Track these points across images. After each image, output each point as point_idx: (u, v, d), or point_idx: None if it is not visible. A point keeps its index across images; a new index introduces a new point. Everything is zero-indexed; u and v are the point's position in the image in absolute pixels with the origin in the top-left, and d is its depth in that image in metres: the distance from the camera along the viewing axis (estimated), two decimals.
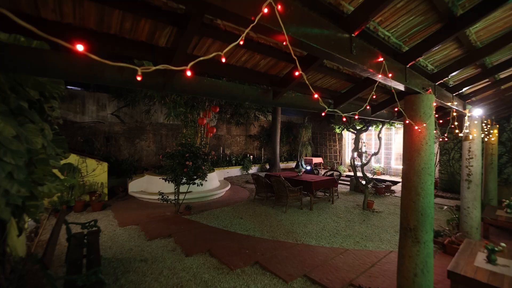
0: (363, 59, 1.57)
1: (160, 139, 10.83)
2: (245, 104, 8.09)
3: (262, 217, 6.04)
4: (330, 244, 4.55)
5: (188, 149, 5.97)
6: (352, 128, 6.88)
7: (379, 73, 1.65)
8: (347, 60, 1.50)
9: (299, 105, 2.59)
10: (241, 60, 2.13)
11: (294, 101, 2.53)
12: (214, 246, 4.30)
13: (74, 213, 6.00)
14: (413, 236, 2.23)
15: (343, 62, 1.54)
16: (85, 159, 6.91)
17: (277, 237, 4.82)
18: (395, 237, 4.93)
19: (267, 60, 2.18)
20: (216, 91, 2.16)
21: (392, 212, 6.60)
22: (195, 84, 2.00)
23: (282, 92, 2.31)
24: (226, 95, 2.22)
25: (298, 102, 2.56)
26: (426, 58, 2.40)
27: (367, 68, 1.61)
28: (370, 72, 1.67)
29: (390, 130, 13.30)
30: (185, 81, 1.92)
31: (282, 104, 2.46)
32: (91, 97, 9.12)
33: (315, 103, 2.52)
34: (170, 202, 5.99)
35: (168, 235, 4.77)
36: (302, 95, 2.62)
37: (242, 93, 2.29)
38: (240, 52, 2.00)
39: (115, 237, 4.67)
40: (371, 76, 1.77)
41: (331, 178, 7.43)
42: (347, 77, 2.72)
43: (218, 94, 2.28)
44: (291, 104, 2.53)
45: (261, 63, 2.20)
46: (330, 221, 5.82)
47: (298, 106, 2.60)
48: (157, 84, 1.82)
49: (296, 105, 2.58)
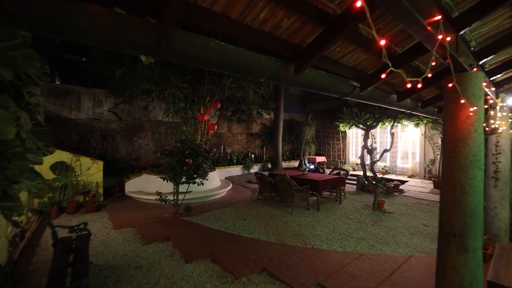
0: (420, 9, 1.20)
1: (159, 137, 10.45)
2: (248, 100, 7.71)
3: (267, 218, 5.66)
4: (342, 248, 4.17)
5: (188, 146, 5.59)
6: (361, 124, 6.50)
7: (437, 33, 1.28)
8: (403, 2, 1.13)
9: (322, 86, 2.20)
10: (259, 18, 1.74)
11: (316, 81, 2.14)
12: (216, 251, 3.92)
13: (66, 215, 5.62)
14: (458, 242, 1.86)
15: (398, 6, 1.16)
16: (79, 157, 6.52)
17: (285, 240, 4.44)
18: (412, 240, 4.55)
19: (291, 21, 1.79)
20: (227, 59, 1.77)
21: (405, 213, 6.22)
22: (199, 47, 1.60)
23: (305, 67, 1.92)
24: (238, 66, 1.82)
25: (321, 82, 2.17)
26: (472, 31, 2.02)
27: (424, 19, 1.23)
28: (424, 32, 1.29)
29: (396, 128, 12.92)
30: (186, 42, 1.53)
31: (303, 83, 2.07)
32: (87, 93, 8.74)
33: (340, 85, 2.15)
34: (168, 203, 5.61)
35: (166, 239, 4.39)
36: (325, 74, 2.23)
37: (258, 65, 1.89)
38: (259, 4, 1.61)
39: (108, 241, 4.29)
40: (424, 41, 1.39)
41: (339, 177, 7.05)
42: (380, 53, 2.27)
43: (228, 65, 1.86)
44: (312, 84, 2.14)
45: (283, 24, 1.81)
46: (340, 222, 5.44)
47: (320, 87, 2.21)
48: (148, 42, 1.42)
49: (318, 86, 2.19)
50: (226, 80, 6.17)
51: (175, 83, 6.23)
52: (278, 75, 2.03)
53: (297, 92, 17.53)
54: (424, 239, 4.64)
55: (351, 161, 14.57)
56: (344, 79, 2.35)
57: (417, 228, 5.21)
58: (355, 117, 6.08)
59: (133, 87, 7.33)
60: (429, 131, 11.73)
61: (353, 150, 14.65)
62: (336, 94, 2.44)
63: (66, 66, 10.16)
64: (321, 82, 2.18)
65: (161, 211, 6.02)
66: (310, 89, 2.26)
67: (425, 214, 6.20)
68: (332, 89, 2.30)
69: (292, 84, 2.13)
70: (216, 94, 7.65)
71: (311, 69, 2.07)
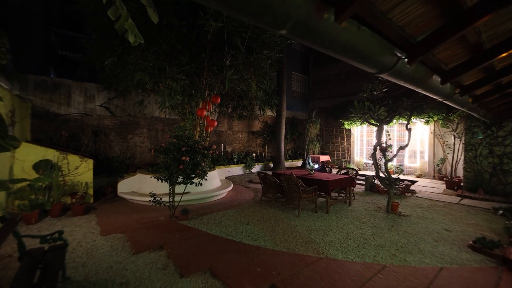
0: None
1: (156, 134, 9.91)
2: (250, 93, 7.16)
3: (272, 222, 5.13)
4: (360, 258, 3.64)
5: (185, 142, 5.05)
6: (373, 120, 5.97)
7: None
8: None
9: (362, 51, 1.64)
10: None
11: (357, 42, 1.56)
12: (216, 262, 3.39)
13: (50, 218, 5.07)
14: None
15: None
16: (66, 155, 5.98)
17: (294, 249, 3.91)
18: (437, 248, 4.02)
19: None
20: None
21: (421, 216, 5.70)
22: None
23: (350, 10, 1.35)
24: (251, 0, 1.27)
25: (362, 46, 1.60)
26: None
27: None
28: None
29: (403, 126, 12.40)
30: None
31: (340, 43, 1.50)
32: (77, 87, 8.18)
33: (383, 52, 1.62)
34: (164, 205, 5.07)
35: (160, 247, 3.86)
36: (369, 32, 1.67)
37: (282, 1, 1.30)
38: None
39: (93, 250, 3.75)
40: None
41: (348, 177, 6.52)
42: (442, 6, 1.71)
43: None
44: (351, 47, 1.56)
45: None
46: (353, 227, 4.92)
47: (359, 54, 1.66)
48: None
49: (357, 52, 1.63)
50: (227, 72, 5.63)
51: (171, 74, 5.69)
52: (308, 24, 1.41)
53: (299, 90, 16.99)
54: (451, 246, 4.11)
55: (356, 160, 14.04)
56: (389, 46, 1.81)
57: (439, 233, 4.69)
58: (368, 112, 5.54)
59: (127, 80, 6.78)
60: (438, 129, 11.21)
61: (357, 148, 14.12)
62: (373, 67, 1.87)
63: (62, 63, 9.61)
64: (363, 45, 1.61)
65: (156, 214, 5.49)
66: (346, 55, 1.68)
67: (444, 217, 5.68)
68: (373, 58, 1.74)
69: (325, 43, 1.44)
70: (216, 87, 7.10)
71: (352, 22, 1.53)
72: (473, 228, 5.02)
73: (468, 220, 5.52)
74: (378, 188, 8.19)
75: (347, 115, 13.84)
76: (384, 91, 5.32)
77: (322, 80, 16.39)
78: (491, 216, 5.84)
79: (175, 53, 6.06)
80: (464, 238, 4.48)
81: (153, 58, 5.63)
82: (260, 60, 6.31)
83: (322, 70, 16.37)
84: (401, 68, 2.01)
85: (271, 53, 6.65)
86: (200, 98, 6.87)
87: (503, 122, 7.64)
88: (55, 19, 9.26)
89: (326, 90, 16.01)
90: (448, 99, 2.98)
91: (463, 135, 9.19)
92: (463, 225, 5.15)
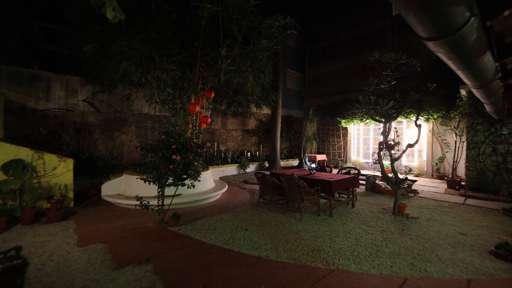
0: None
1: (145, 132, 9.30)
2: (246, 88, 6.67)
3: (273, 227, 4.66)
4: (376, 269, 3.22)
5: (176, 139, 4.52)
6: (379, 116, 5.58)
7: None
8: None
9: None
10: None
11: None
12: (212, 279, 2.89)
13: (21, 226, 4.44)
14: None
15: None
16: (42, 154, 5.35)
17: (300, 259, 3.45)
18: (457, 255, 3.64)
19: None
20: None
21: (430, 218, 5.35)
22: None
23: None
24: None
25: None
26: None
27: None
28: None
29: (401, 124, 12.16)
30: None
31: None
32: (58, 80, 7.51)
33: (453, 3, 1.16)
34: (152, 209, 4.53)
35: (146, 260, 3.33)
36: None
37: None
38: None
39: (66, 265, 3.19)
40: None
41: (352, 177, 6.12)
42: None
43: None
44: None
45: None
46: (361, 231, 4.51)
47: (426, 2, 1.18)
48: None
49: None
50: (222, 62, 5.11)
51: (160, 64, 5.14)
52: None
53: (294, 88, 16.59)
54: (471, 253, 3.74)
55: (353, 159, 13.75)
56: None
57: (454, 237, 4.33)
58: (375, 106, 5.14)
59: (112, 72, 6.18)
60: (437, 127, 11.01)
61: (354, 147, 13.83)
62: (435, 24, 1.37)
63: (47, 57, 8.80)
64: None
65: (143, 219, 4.94)
66: (408, 5, 1.23)
67: (454, 219, 5.34)
68: (439, 10, 1.27)
69: None
70: (210, 81, 6.58)
71: None
72: (487, 231, 4.68)
73: (479, 222, 5.19)
74: (380, 188, 7.85)
75: (344, 113, 13.54)
76: (392, 84, 4.93)
77: (317, 78, 16.05)
78: (502, 217, 5.54)
79: (165, 42, 5.51)
80: (482, 242, 4.13)
81: (140, 47, 5.07)
82: (258, 51, 5.83)
83: (318, 67, 16.03)
84: (466, 33, 1.55)
85: (270, 44, 6.17)
86: (193, 92, 6.33)
87: (507, 119, 7.41)
88: (37, 11, 8.51)
89: (322, 87, 15.67)
90: (484, 86, 2.55)
91: (464, 133, 8.97)
92: (476, 228, 4.82)
